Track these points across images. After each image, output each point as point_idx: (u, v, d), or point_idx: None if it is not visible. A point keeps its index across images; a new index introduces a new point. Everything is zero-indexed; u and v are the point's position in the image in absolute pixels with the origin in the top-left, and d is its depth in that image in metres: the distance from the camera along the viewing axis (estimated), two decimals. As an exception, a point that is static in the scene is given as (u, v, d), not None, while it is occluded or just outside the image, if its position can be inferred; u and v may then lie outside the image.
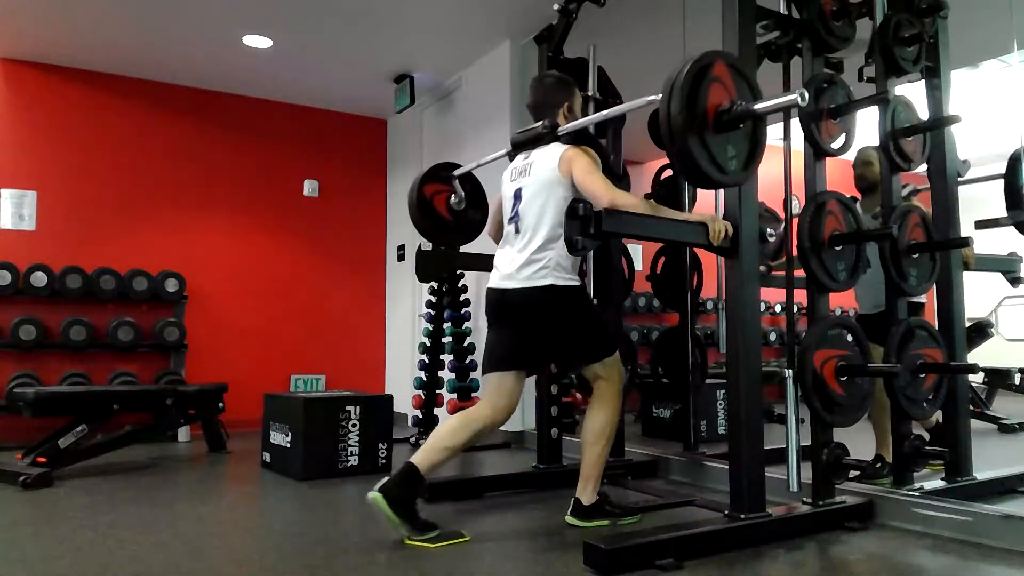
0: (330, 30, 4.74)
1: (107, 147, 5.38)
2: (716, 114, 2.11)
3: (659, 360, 3.84)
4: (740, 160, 2.21)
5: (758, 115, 2.16)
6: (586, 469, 2.59)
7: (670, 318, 6.85)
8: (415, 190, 3.20)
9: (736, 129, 2.17)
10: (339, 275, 6.22)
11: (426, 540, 2.34)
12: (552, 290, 2.46)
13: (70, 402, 3.82)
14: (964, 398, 3.00)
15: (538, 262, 2.47)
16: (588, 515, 2.57)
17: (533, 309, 2.50)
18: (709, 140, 2.11)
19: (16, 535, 2.56)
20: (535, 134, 2.61)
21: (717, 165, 2.13)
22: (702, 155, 2.10)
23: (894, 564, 2.19)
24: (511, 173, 2.70)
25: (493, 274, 2.62)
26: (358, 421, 3.65)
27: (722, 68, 2.14)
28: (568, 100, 2.69)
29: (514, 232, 2.57)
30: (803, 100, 2.09)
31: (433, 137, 5.94)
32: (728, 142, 2.16)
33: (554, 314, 2.50)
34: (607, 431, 2.58)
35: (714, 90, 2.11)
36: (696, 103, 2.07)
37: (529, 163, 2.61)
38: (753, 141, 2.24)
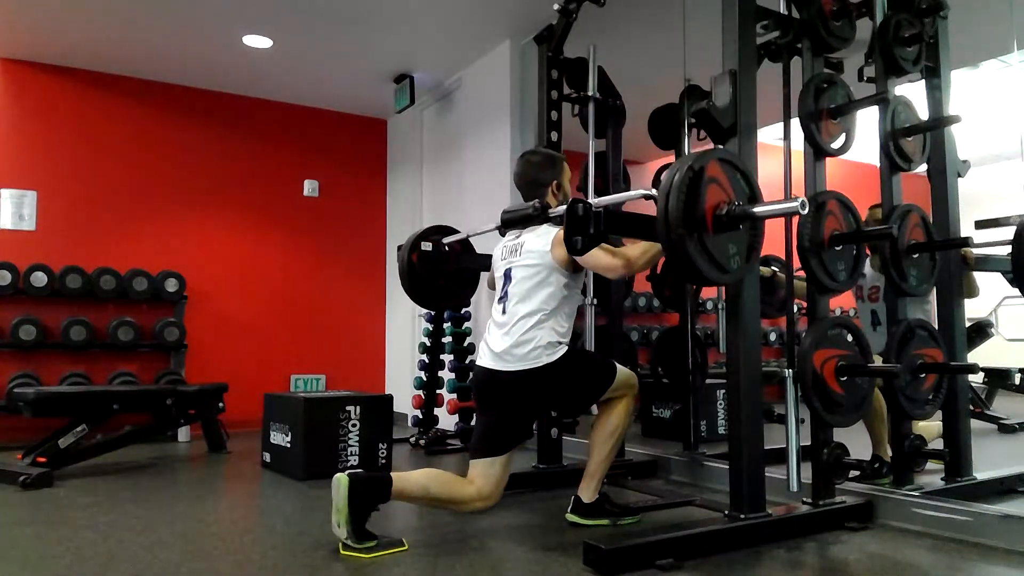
0: (330, 30, 4.74)
1: (107, 147, 5.38)
2: (714, 217, 2.09)
3: (659, 360, 3.83)
4: (741, 256, 2.19)
5: (756, 218, 2.15)
6: (592, 467, 2.60)
7: (670, 318, 6.85)
8: (405, 257, 3.14)
9: (736, 229, 2.14)
10: (339, 275, 6.22)
11: (362, 549, 2.23)
12: (545, 369, 2.42)
13: (70, 402, 3.82)
14: (964, 398, 3.00)
15: (528, 343, 2.42)
16: (588, 513, 2.58)
17: (525, 390, 2.45)
18: (709, 242, 2.08)
19: (16, 535, 2.56)
20: (524, 215, 2.53)
21: (718, 265, 2.11)
22: (702, 259, 2.07)
23: (894, 564, 2.19)
24: (502, 251, 2.66)
25: (483, 352, 2.57)
26: (358, 421, 3.65)
27: (716, 167, 2.12)
28: (556, 178, 2.64)
29: (502, 312, 2.54)
30: (804, 209, 2.03)
31: (433, 137, 5.94)
32: (728, 241, 2.14)
33: (548, 389, 2.47)
34: (618, 432, 2.58)
35: (711, 191, 2.08)
36: (694, 207, 2.05)
37: (520, 243, 2.57)
38: (752, 236, 2.23)
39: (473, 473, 2.47)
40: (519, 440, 2.53)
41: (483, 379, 2.54)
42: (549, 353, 2.43)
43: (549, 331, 2.44)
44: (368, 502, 2.27)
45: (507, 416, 2.50)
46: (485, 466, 2.47)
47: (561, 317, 2.49)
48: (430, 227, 3.31)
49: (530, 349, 2.42)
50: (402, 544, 2.31)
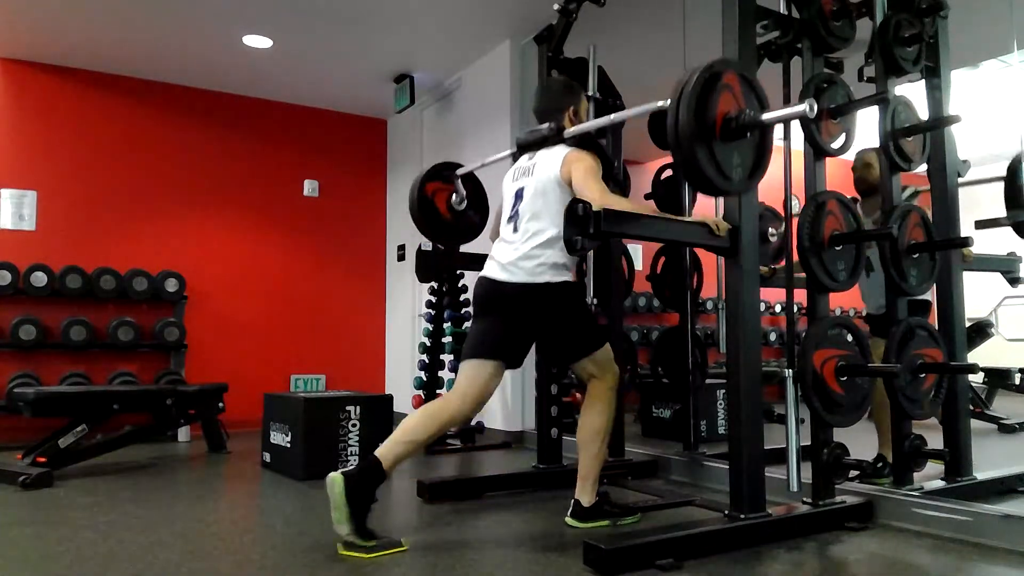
0: (330, 30, 4.74)
1: (107, 147, 5.38)
2: (724, 122, 2.12)
3: (659, 360, 3.83)
4: (745, 169, 2.22)
5: (765, 125, 2.17)
6: (583, 469, 2.59)
7: (670, 318, 6.85)
8: (416, 188, 3.21)
9: (743, 138, 2.18)
10: (339, 275, 6.22)
11: (364, 548, 2.23)
12: (547, 288, 2.46)
13: (70, 402, 3.82)
14: (964, 398, 3.00)
15: (535, 258, 2.46)
16: (588, 516, 2.57)
17: (525, 304, 2.49)
18: (716, 148, 2.12)
19: (16, 535, 2.56)
20: (541, 136, 2.62)
21: (722, 173, 2.15)
22: (708, 163, 2.11)
23: (894, 564, 2.19)
24: (514, 173, 2.70)
25: (488, 264, 2.61)
26: (358, 421, 3.65)
27: (732, 77, 2.16)
28: (574, 104, 2.71)
29: (512, 230, 2.57)
30: (811, 111, 2.10)
31: (433, 137, 5.94)
32: (735, 151, 2.17)
33: (546, 310, 2.49)
34: (602, 430, 2.57)
35: (723, 98, 2.12)
36: (705, 110, 2.08)
37: (533, 163, 2.62)
38: (759, 151, 2.25)
39: (460, 378, 2.52)
40: (509, 354, 2.54)
41: (485, 288, 2.58)
42: (553, 274, 2.46)
43: (557, 253, 2.46)
44: (366, 493, 2.28)
45: (503, 325, 2.52)
46: (473, 368, 2.50)
47: None
48: (440, 163, 3.33)
49: (536, 264, 2.45)
50: (402, 545, 2.30)
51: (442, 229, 3.30)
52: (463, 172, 3.25)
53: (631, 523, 2.62)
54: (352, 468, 2.32)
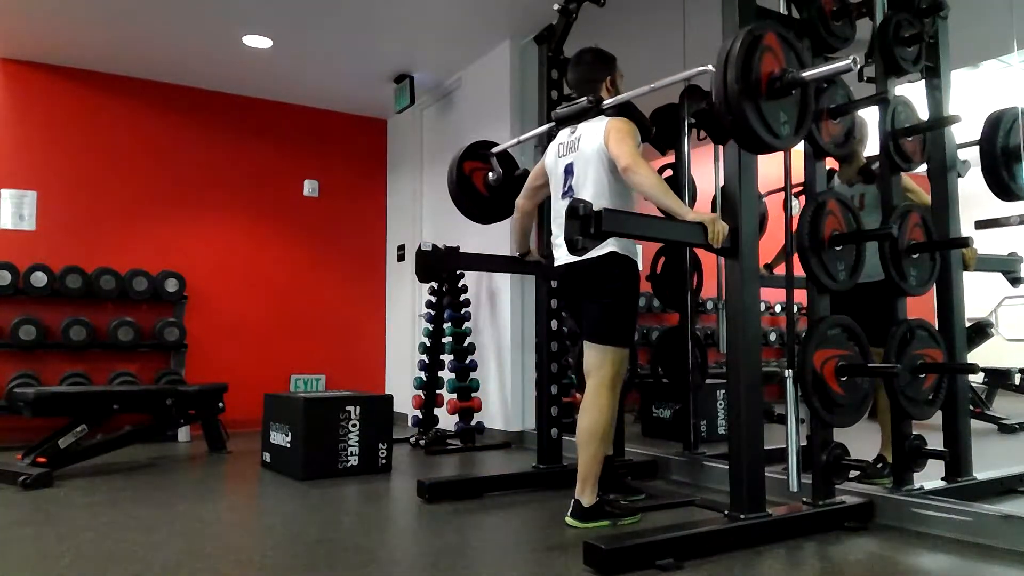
0: (330, 30, 4.74)
1: (107, 147, 5.38)
2: (768, 81, 2.21)
3: (659, 360, 3.83)
4: (792, 125, 2.30)
5: (807, 82, 2.26)
6: (583, 470, 2.59)
7: (670, 318, 6.85)
8: (455, 167, 3.28)
9: (787, 96, 2.26)
10: (339, 275, 6.22)
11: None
12: (613, 257, 2.53)
13: (70, 402, 3.82)
14: (964, 398, 3.00)
15: None
16: (588, 516, 2.57)
17: (596, 276, 2.57)
18: (763, 106, 2.21)
19: (16, 535, 2.56)
20: (580, 108, 2.66)
21: (771, 130, 2.24)
22: (757, 121, 2.20)
23: (894, 564, 2.19)
24: (559, 148, 2.74)
25: (557, 250, 2.69)
26: (358, 421, 3.65)
27: (773, 38, 2.24)
28: (610, 74, 2.76)
29: None
30: (855, 65, 2.16)
31: (433, 137, 5.94)
32: (780, 108, 2.27)
33: (607, 278, 2.57)
34: (600, 430, 2.56)
35: (766, 59, 2.21)
36: (751, 71, 2.17)
37: (577, 137, 2.66)
38: (803, 107, 2.34)
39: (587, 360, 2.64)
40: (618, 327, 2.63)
41: (563, 275, 2.69)
42: (617, 244, 2.53)
43: None
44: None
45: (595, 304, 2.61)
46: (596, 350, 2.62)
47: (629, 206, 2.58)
48: (475, 142, 3.41)
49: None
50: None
51: (481, 206, 3.39)
52: (498, 150, 3.33)
53: (631, 523, 2.62)
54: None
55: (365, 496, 3.24)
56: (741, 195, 2.48)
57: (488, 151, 3.34)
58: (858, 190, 3.30)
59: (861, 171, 3.30)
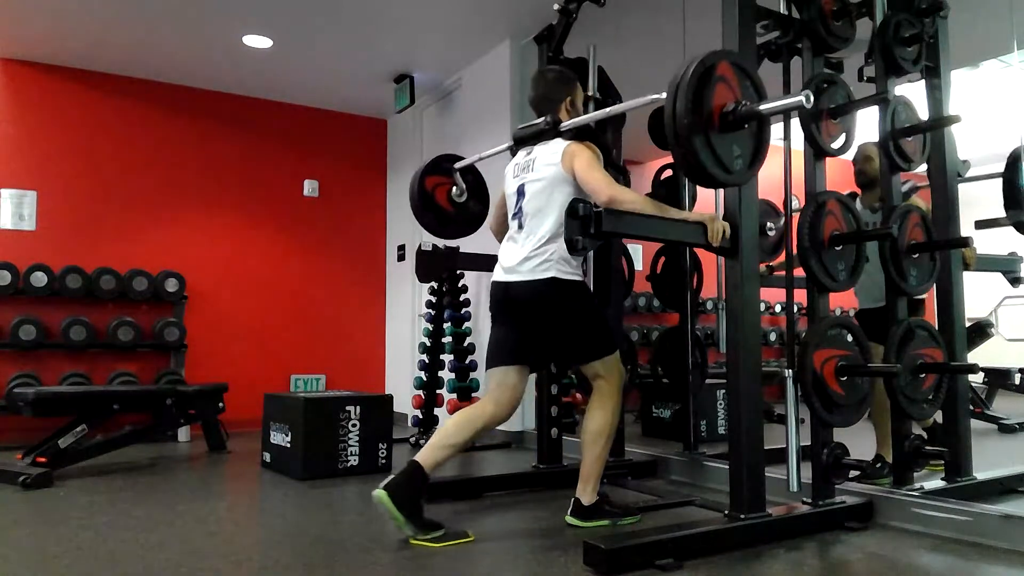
0: (330, 30, 4.74)
1: (107, 147, 5.38)
2: (721, 114, 2.11)
3: (659, 360, 3.83)
4: (745, 160, 2.20)
5: (763, 116, 2.16)
6: (586, 469, 2.59)
7: (670, 318, 6.85)
8: (416, 182, 3.22)
9: (741, 129, 2.16)
10: (339, 275, 6.22)
11: (430, 539, 2.35)
12: (555, 283, 2.46)
13: (70, 402, 3.82)
14: (964, 398, 3.00)
15: (541, 255, 2.47)
16: (588, 515, 2.57)
17: (536, 303, 2.50)
18: (714, 140, 2.10)
19: (16, 535, 2.56)
20: (537, 130, 2.61)
21: (722, 165, 2.13)
22: (707, 156, 2.09)
23: (894, 564, 2.19)
24: (514, 169, 2.70)
25: (497, 268, 2.63)
26: (358, 421, 3.65)
27: (727, 68, 2.14)
28: (570, 95, 2.69)
29: (517, 228, 2.58)
30: (808, 102, 2.09)
31: (433, 137, 5.94)
32: (733, 142, 2.16)
33: (556, 308, 2.50)
34: (606, 431, 2.57)
35: (719, 90, 2.11)
36: (702, 103, 2.07)
37: (532, 159, 2.61)
38: (758, 140, 2.24)
39: (490, 386, 2.58)
40: (530, 356, 2.58)
41: (497, 293, 2.61)
42: (560, 269, 2.47)
43: (562, 248, 2.46)
44: (413, 497, 2.38)
45: (519, 326, 2.56)
46: (501, 374, 2.56)
47: None
48: (439, 156, 3.35)
49: (542, 261, 2.46)
50: (468, 536, 2.41)
51: (444, 222, 3.31)
52: (462, 165, 3.25)
53: (631, 523, 2.62)
54: (393, 479, 2.38)
55: (365, 496, 3.23)
56: (741, 195, 2.47)
57: (451, 165, 3.26)
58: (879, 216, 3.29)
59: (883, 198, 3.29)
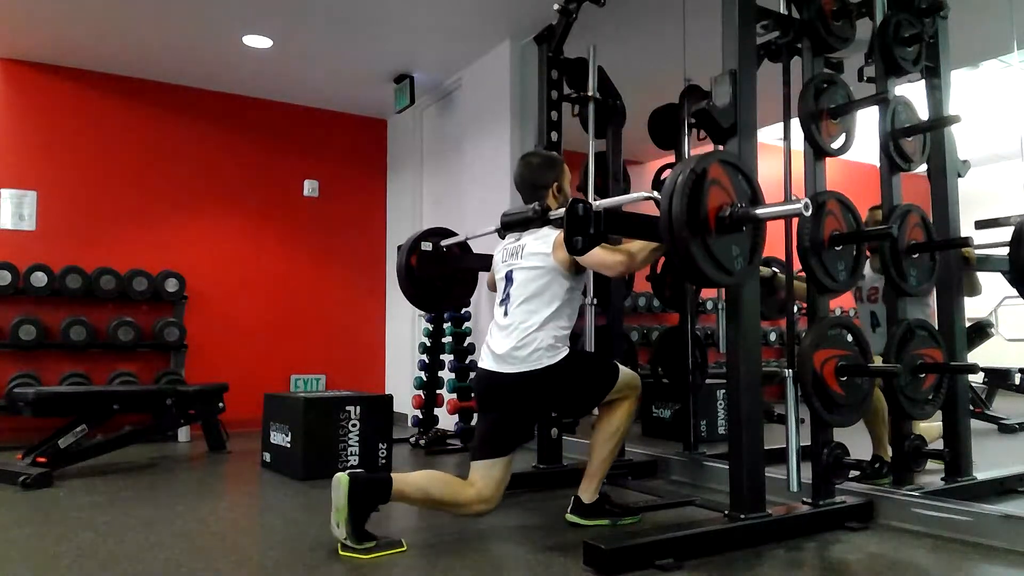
0: (330, 30, 4.74)
1: (107, 147, 5.38)
2: (717, 219, 2.11)
3: (659, 360, 3.83)
4: (744, 258, 2.21)
5: (759, 219, 2.16)
6: (592, 468, 2.60)
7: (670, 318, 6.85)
8: (404, 256, 3.17)
9: (739, 232, 2.16)
10: (339, 275, 6.22)
11: (361, 550, 2.22)
12: (546, 372, 2.41)
13: (70, 402, 3.82)
14: (964, 398, 3.00)
15: (529, 345, 2.41)
16: (588, 513, 2.58)
17: (528, 392, 2.44)
18: (712, 244, 2.10)
19: (16, 535, 2.56)
20: (524, 217, 2.53)
21: (723, 268, 2.13)
22: (706, 261, 2.09)
23: (894, 564, 2.19)
24: (502, 253, 2.66)
25: (484, 355, 2.56)
26: (358, 421, 3.65)
27: (718, 169, 2.14)
28: (557, 180, 2.63)
29: (504, 315, 2.53)
30: (807, 211, 2.06)
31: (433, 137, 5.95)
32: (732, 243, 2.16)
33: (551, 391, 2.46)
34: (619, 433, 2.58)
35: (713, 193, 2.10)
36: (698, 209, 2.07)
37: (521, 246, 2.56)
38: (755, 238, 2.25)
39: (474, 476, 2.45)
40: (520, 442, 2.52)
41: (485, 381, 2.54)
42: (551, 355, 2.41)
43: (550, 333, 2.43)
44: (368, 503, 2.26)
45: (508, 418, 2.49)
46: (486, 468, 2.44)
47: (563, 319, 2.48)
48: (428, 229, 3.32)
49: (531, 351, 2.41)
50: (401, 545, 2.30)
51: (432, 297, 3.28)
52: (450, 243, 3.21)
53: (631, 523, 2.63)
54: (362, 473, 2.28)
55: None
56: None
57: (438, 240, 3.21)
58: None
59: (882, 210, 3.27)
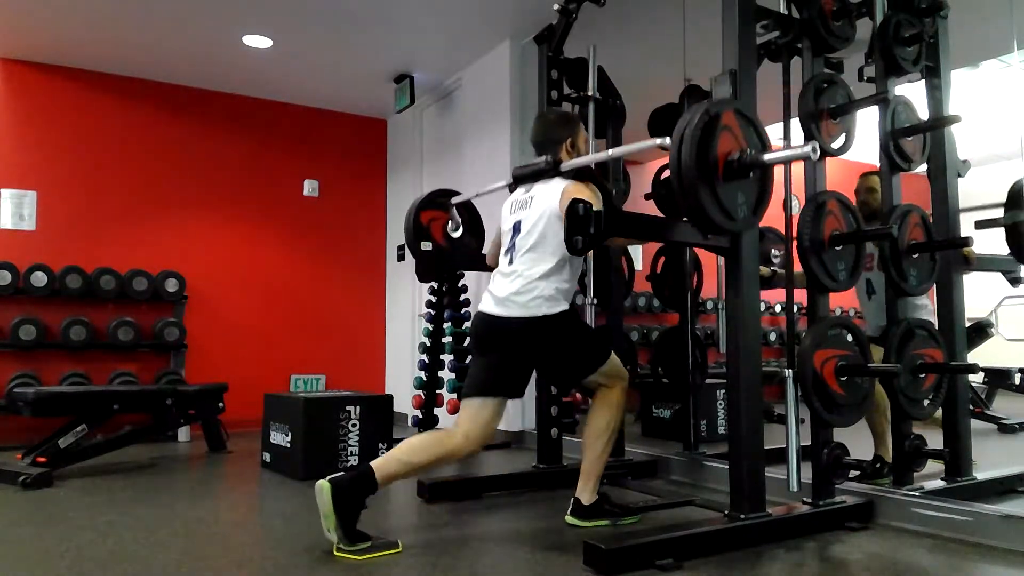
0: (330, 30, 4.74)
1: (107, 147, 5.38)
2: (726, 163, 2.12)
3: (659, 360, 3.83)
4: (749, 207, 2.22)
5: (767, 165, 2.18)
6: (587, 468, 2.60)
7: (670, 318, 6.85)
8: (412, 217, 3.19)
9: (746, 178, 2.18)
10: (339, 275, 6.21)
11: (355, 551, 2.22)
12: (544, 321, 2.43)
13: (70, 402, 3.82)
14: (964, 398, 3.00)
15: (531, 292, 2.43)
16: (588, 515, 2.58)
17: (524, 339, 2.46)
18: (719, 189, 2.12)
19: (16, 535, 2.56)
20: (537, 169, 2.59)
21: (727, 213, 2.15)
22: (712, 205, 2.11)
23: (894, 564, 2.19)
24: (511, 206, 2.68)
25: (485, 299, 2.58)
26: (358, 421, 3.65)
27: (731, 117, 2.16)
28: (571, 136, 2.67)
29: (508, 263, 2.55)
30: (815, 154, 2.09)
31: (433, 137, 5.94)
32: (738, 190, 2.18)
33: (545, 343, 2.47)
34: (609, 430, 2.58)
35: (724, 139, 2.12)
36: (707, 153, 2.08)
37: (530, 196, 2.59)
38: (761, 188, 2.26)
39: (462, 416, 2.48)
40: (511, 388, 2.52)
41: (483, 324, 2.56)
42: (550, 306, 2.44)
43: (552, 285, 2.45)
44: (354, 502, 2.26)
45: (503, 360, 2.50)
46: (475, 407, 2.47)
47: (564, 273, 2.50)
48: (435, 191, 3.33)
49: (532, 298, 2.43)
50: (396, 546, 2.30)
51: (439, 257, 3.30)
52: (458, 201, 3.24)
53: (631, 523, 2.63)
54: (342, 475, 2.27)
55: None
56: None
57: (447, 200, 3.25)
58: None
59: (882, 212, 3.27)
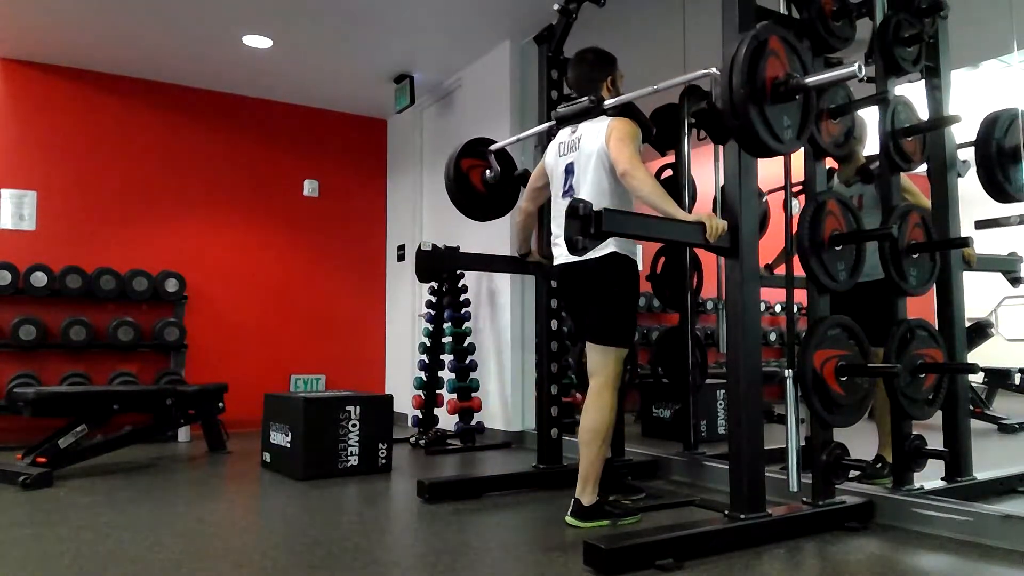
0: (330, 30, 4.74)
1: (107, 147, 5.38)
2: (773, 86, 2.21)
3: (659, 360, 3.83)
4: (794, 130, 2.31)
5: (811, 88, 2.26)
6: (584, 469, 2.59)
7: (670, 318, 6.85)
8: (452, 164, 3.29)
9: (791, 101, 2.26)
10: (339, 275, 6.22)
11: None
12: (613, 258, 2.54)
13: (70, 402, 3.82)
14: (964, 398, 3.00)
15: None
16: (588, 516, 2.57)
17: (591, 277, 2.58)
18: (767, 111, 2.22)
19: (16, 535, 2.56)
20: (581, 108, 2.66)
21: (774, 135, 2.24)
22: (761, 126, 2.20)
23: (894, 564, 2.19)
24: (559, 148, 2.74)
25: (557, 249, 2.69)
26: (358, 421, 3.65)
27: (777, 42, 2.24)
28: (611, 74, 2.76)
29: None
30: (860, 72, 2.17)
31: (433, 137, 5.94)
32: (784, 112, 2.27)
33: (605, 280, 2.57)
34: (603, 430, 2.58)
35: (771, 63, 2.22)
36: (755, 76, 2.17)
37: (578, 137, 2.66)
38: (805, 111, 2.34)
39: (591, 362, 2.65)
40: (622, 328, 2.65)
41: (562, 275, 2.72)
42: (618, 244, 2.54)
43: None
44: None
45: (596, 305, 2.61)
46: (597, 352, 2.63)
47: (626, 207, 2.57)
48: (474, 139, 3.41)
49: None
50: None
51: (478, 203, 3.39)
52: (496, 148, 3.33)
53: (631, 523, 2.63)
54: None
55: (365, 496, 3.24)
56: (741, 195, 2.48)
57: (486, 148, 3.35)
58: (856, 190, 3.30)
59: (859, 171, 3.30)
